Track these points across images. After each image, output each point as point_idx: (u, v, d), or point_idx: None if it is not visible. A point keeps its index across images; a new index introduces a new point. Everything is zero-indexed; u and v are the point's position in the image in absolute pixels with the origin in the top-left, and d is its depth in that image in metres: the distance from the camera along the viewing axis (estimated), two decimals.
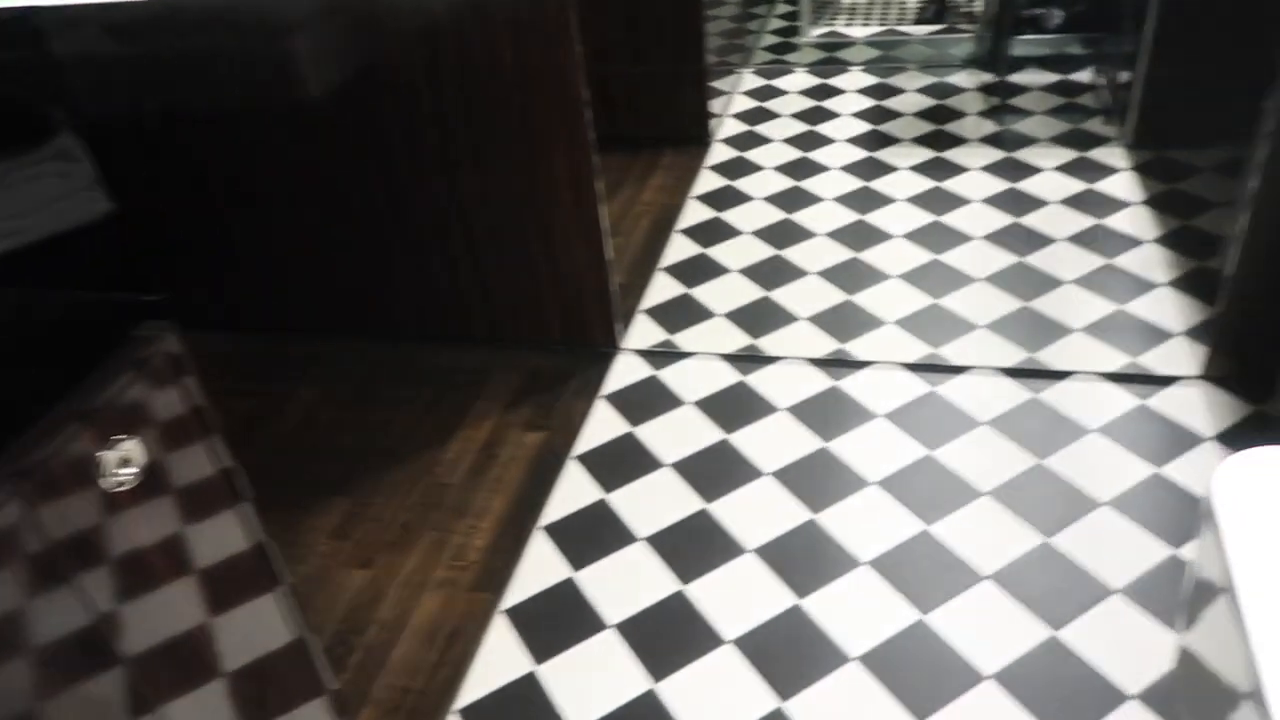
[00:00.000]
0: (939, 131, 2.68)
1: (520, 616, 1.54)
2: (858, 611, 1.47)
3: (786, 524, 1.61)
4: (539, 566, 1.61)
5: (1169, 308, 1.96)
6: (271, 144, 1.95)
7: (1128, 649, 1.37)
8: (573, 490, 1.74)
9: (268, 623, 1.08)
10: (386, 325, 2.16)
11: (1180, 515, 1.55)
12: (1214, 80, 2.34)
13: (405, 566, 1.65)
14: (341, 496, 1.80)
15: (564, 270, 1.96)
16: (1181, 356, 1.84)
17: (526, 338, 2.08)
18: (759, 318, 2.08)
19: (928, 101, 2.85)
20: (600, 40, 2.62)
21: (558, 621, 1.51)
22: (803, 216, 2.39)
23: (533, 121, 1.79)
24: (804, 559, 1.55)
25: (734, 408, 1.86)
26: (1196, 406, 1.73)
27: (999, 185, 2.41)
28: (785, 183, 2.53)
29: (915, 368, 1.89)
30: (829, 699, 1.36)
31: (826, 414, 1.82)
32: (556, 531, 1.67)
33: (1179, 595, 1.43)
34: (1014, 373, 1.85)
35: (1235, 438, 1.66)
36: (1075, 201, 2.32)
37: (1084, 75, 2.89)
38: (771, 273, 2.21)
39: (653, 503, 1.69)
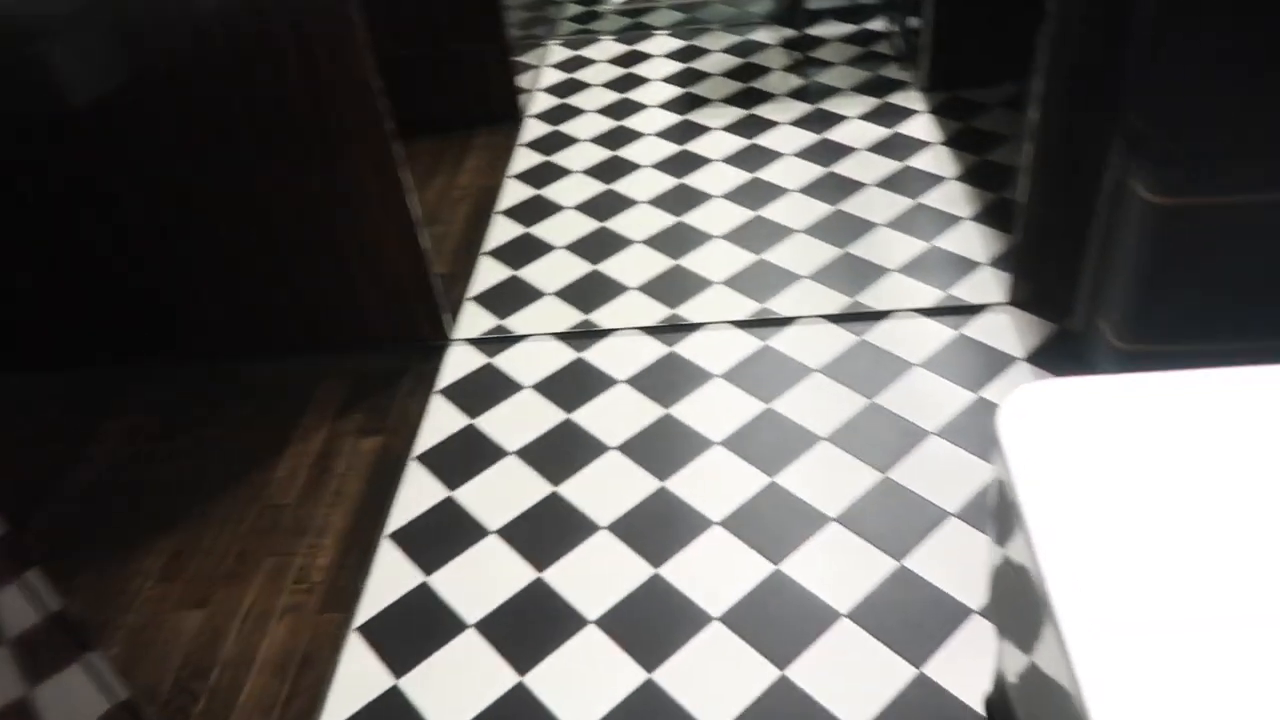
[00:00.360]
0: (748, 89, 2.72)
1: (375, 631, 1.47)
2: (714, 572, 1.48)
3: (637, 496, 1.61)
4: (389, 577, 1.55)
5: (974, 240, 2.06)
6: (37, 159, 1.77)
7: (967, 567, 1.44)
8: (417, 492, 1.68)
9: (80, 695, 0.99)
10: (194, 344, 2.02)
11: None
12: (994, 21, 2.46)
13: (245, 598, 1.56)
14: (166, 535, 1.68)
15: (380, 266, 1.88)
16: (989, 285, 1.94)
17: (350, 340, 1.99)
18: (589, 292, 2.06)
19: (734, 60, 2.88)
20: (394, 22, 2.51)
21: (415, 630, 1.46)
22: (623, 186, 2.38)
23: (325, 114, 1.69)
24: (657, 528, 1.55)
25: (573, 386, 1.84)
26: (1006, 331, 1.83)
27: (809, 137, 2.47)
28: (602, 153, 2.51)
29: (746, 324, 1.92)
30: (695, 662, 1.36)
31: (665, 381, 1.82)
32: (404, 537, 1.60)
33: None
34: (839, 318, 1.90)
35: (1043, 356, 1.77)
36: (881, 147, 2.40)
37: (877, 24, 2.99)
38: (597, 245, 2.19)
39: (501, 493, 1.65)
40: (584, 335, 1.95)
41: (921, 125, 2.46)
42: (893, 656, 1.34)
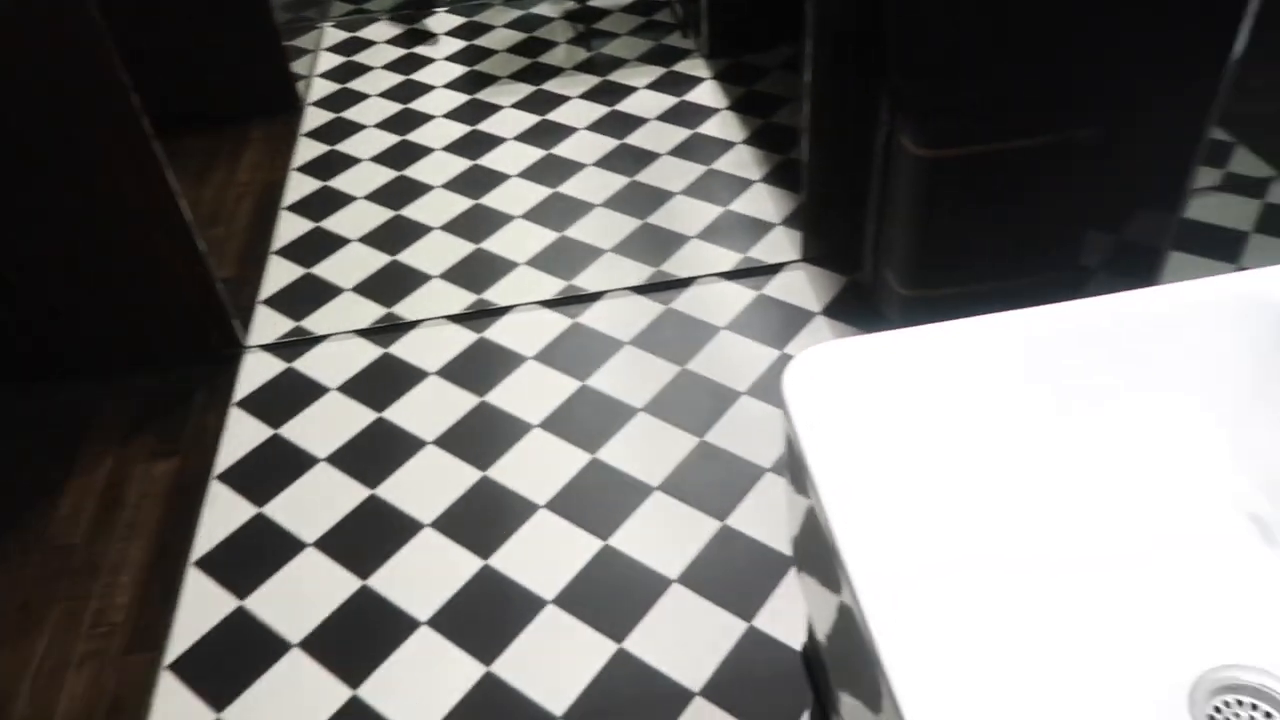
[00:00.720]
0: (535, 64, 2.69)
1: (190, 667, 1.38)
2: (544, 555, 1.47)
3: (458, 489, 1.58)
4: (200, 606, 1.45)
5: (766, 202, 2.13)
6: None
7: (784, 519, 1.50)
8: (222, 513, 1.58)
9: None
10: None
11: None
12: None
13: (35, 652, 1.42)
14: None
15: (154, 276, 1.73)
16: (784, 244, 2.01)
17: (131, 358, 1.83)
18: (390, 284, 1.99)
19: (518, 35, 2.84)
20: (144, 8, 2.31)
21: (235, 659, 1.38)
22: (416, 171, 2.31)
23: (66, 118, 1.54)
24: (483, 519, 1.53)
25: (382, 383, 1.78)
26: (803, 287, 1.91)
27: (599, 110, 2.47)
28: (391, 139, 2.42)
29: (554, 303, 1.91)
30: (533, 648, 1.36)
31: (477, 368, 1.79)
32: (212, 563, 1.51)
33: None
34: (645, 289, 1.93)
35: (837, 308, 1.86)
36: (670, 115, 2.44)
37: None
38: (394, 235, 2.12)
39: (315, 504, 1.58)
40: (388, 329, 1.89)
41: (707, 92, 2.52)
42: (724, 614, 1.38)
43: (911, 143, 1.50)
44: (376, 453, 1.65)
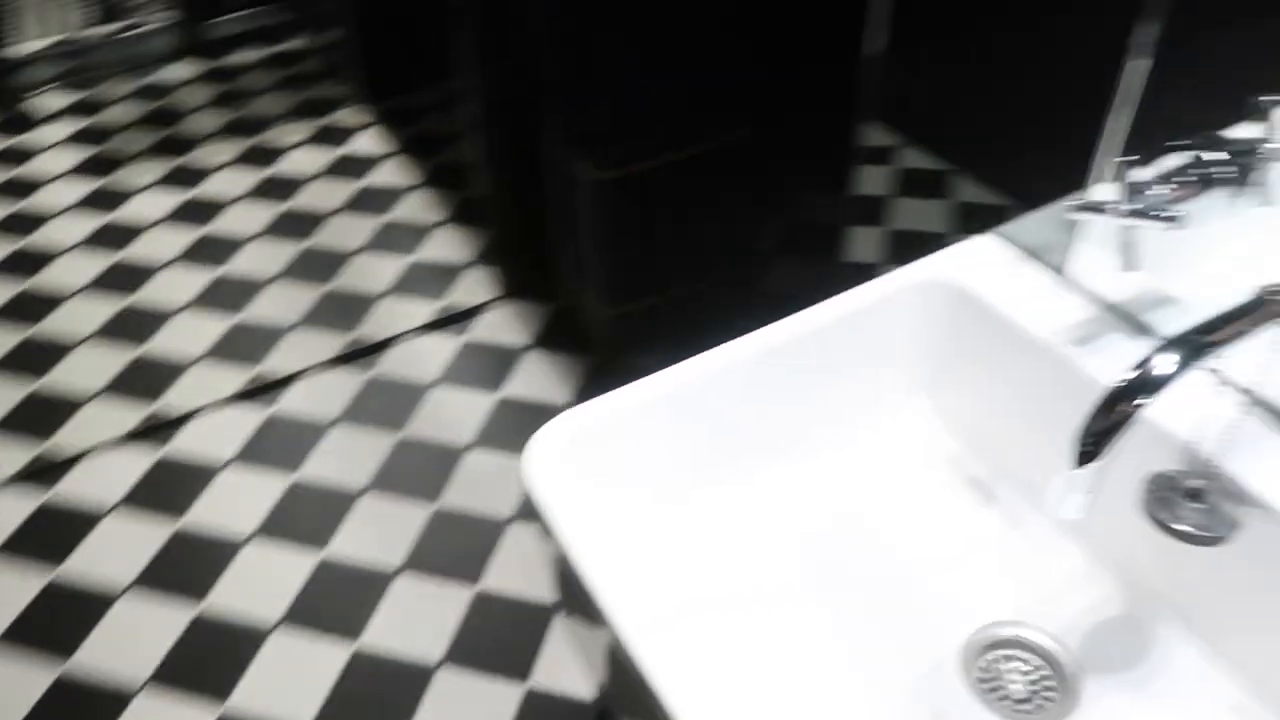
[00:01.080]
0: (171, 136, 2.44)
1: None
2: (289, 682, 1.31)
3: (170, 636, 1.37)
4: None
5: (453, 244, 2.06)
6: None
7: (539, 565, 1.44)
8: None
9: None
10: None
11: (533, 426, 1.66)
12: (415, 21, 2.46)
13: None
14: None
15: None
16: (479, 285, 1.95)
17: None
18: (36, 416, 1.70)
19: (146, 105, 2.56)
20: None
21: None
22: (43, 280, 2.00)
23: None
24: (207, 664, 1.34)
25: (48, 536, 1.51)
26: (507, 324, 1.85)
27: (254, 176, 2.28)
28: (4, 247, 2.09)
29: (243, 396, 1.72)
30: None
31: (166, 490, 1.57)
32: None
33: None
34: (342, 360, 1.79)
35: (546, 338, 1.82)
36: (334, 170, 2.29)
37: (299, 42, 2.85)
38: (30, 358, 1.82)
39: None
40: (44, 470, 1.61)
41: (369, 140, 2.40)
42: (499, 683, 1.30)
43: (588, 166, 1.49)
44: (57, 625, 1.39)
